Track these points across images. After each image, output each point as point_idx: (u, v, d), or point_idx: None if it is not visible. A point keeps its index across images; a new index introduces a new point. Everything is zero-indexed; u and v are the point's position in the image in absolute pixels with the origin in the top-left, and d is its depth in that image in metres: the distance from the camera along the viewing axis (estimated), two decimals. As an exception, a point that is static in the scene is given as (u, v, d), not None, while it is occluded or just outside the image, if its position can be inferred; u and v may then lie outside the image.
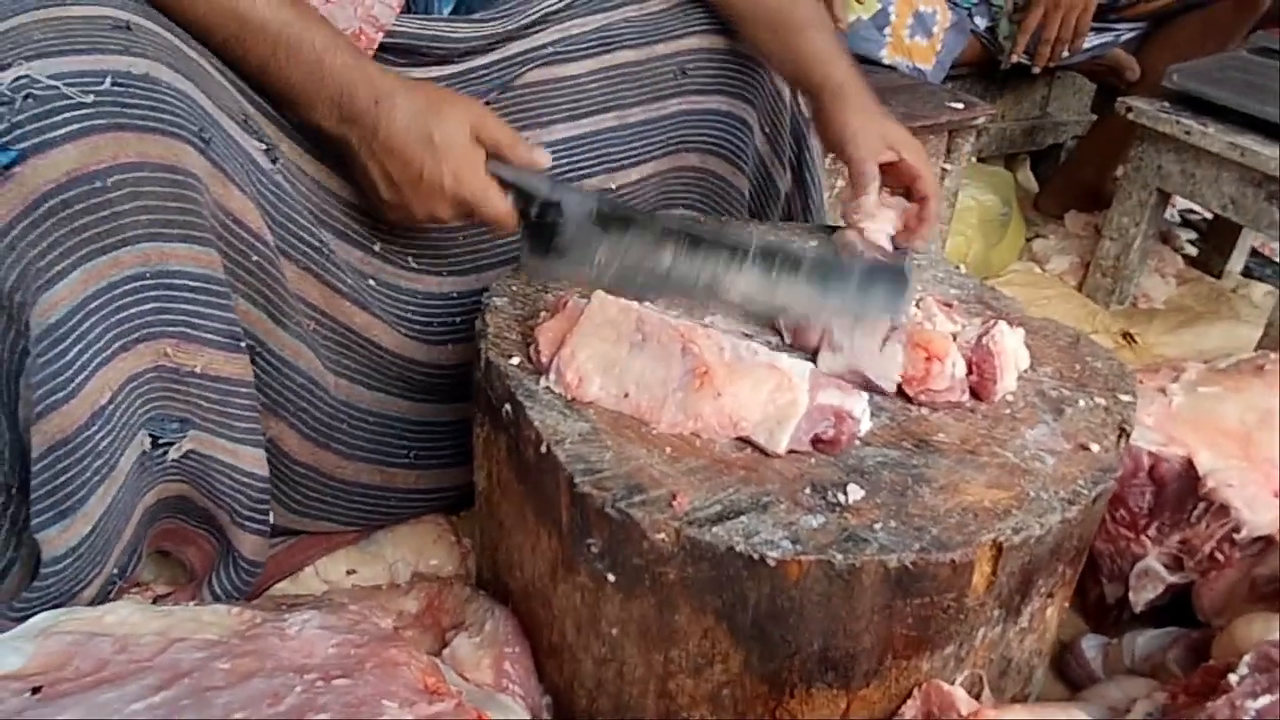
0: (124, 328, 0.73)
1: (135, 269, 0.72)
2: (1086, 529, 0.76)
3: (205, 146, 0.73)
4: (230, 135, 0.77)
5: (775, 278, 0.80)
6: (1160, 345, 1.61)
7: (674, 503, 0.66)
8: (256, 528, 0.86)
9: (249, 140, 0.80)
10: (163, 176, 0.71)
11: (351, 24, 0.90)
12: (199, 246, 0.74)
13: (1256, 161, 1.41)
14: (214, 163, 0.74)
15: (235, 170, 0.76)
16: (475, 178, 0.82)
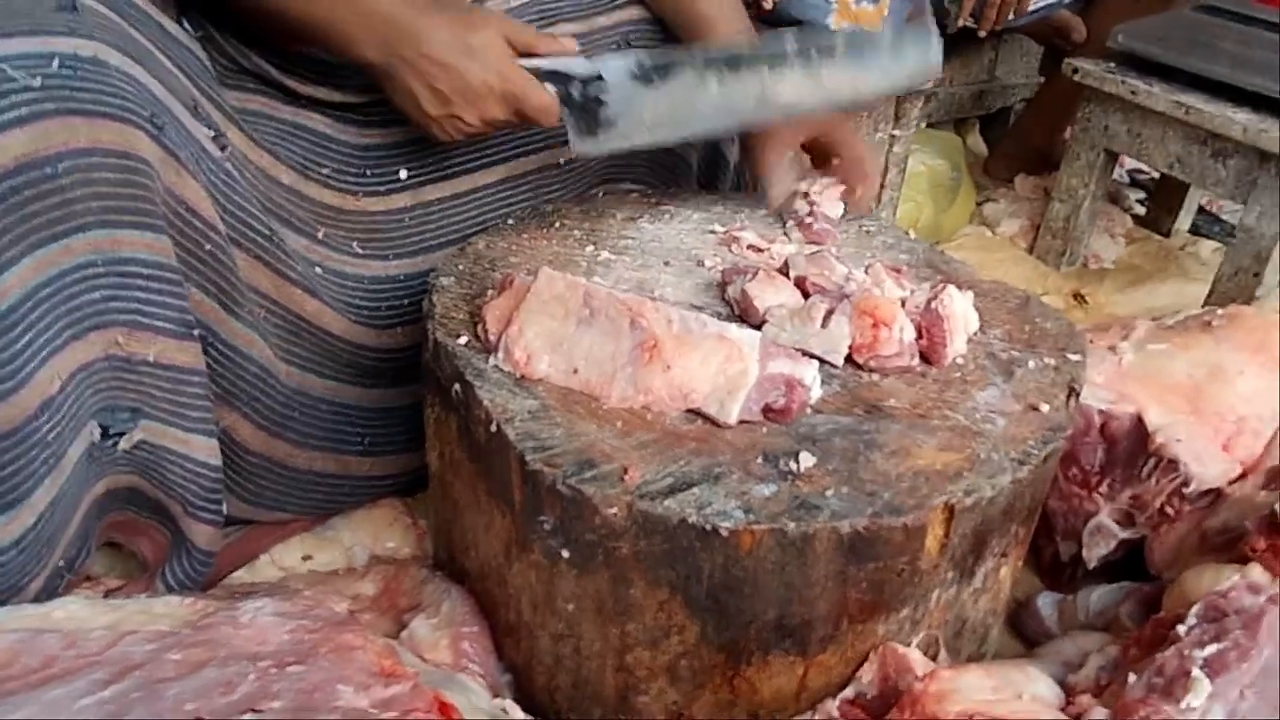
0: (75, 316, 0.72)
1: (87, 256, 0.70)
2: (1038, 488, 0.76)
3: (158, 132, 0.72)
4: (181, 121, 0.76)
5: (817, 69, 0.86)
6: (1111, 305, 1.63)
7: (625, 477, 0.65)
8: (210, 518, 0.85)
9: (199, 127, 0.78)
10: (115, 163, 0.69)
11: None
12: (151, 234, 0.73)
13: (1201, 120, 1.43)
14: (166, 149, 0.73)
15: (187, 157, 0.75)
16: (518, 73, 0.86)
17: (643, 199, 1.04)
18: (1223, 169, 1.44)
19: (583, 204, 1.02)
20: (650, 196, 1.05)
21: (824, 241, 0.95)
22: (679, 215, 1.01)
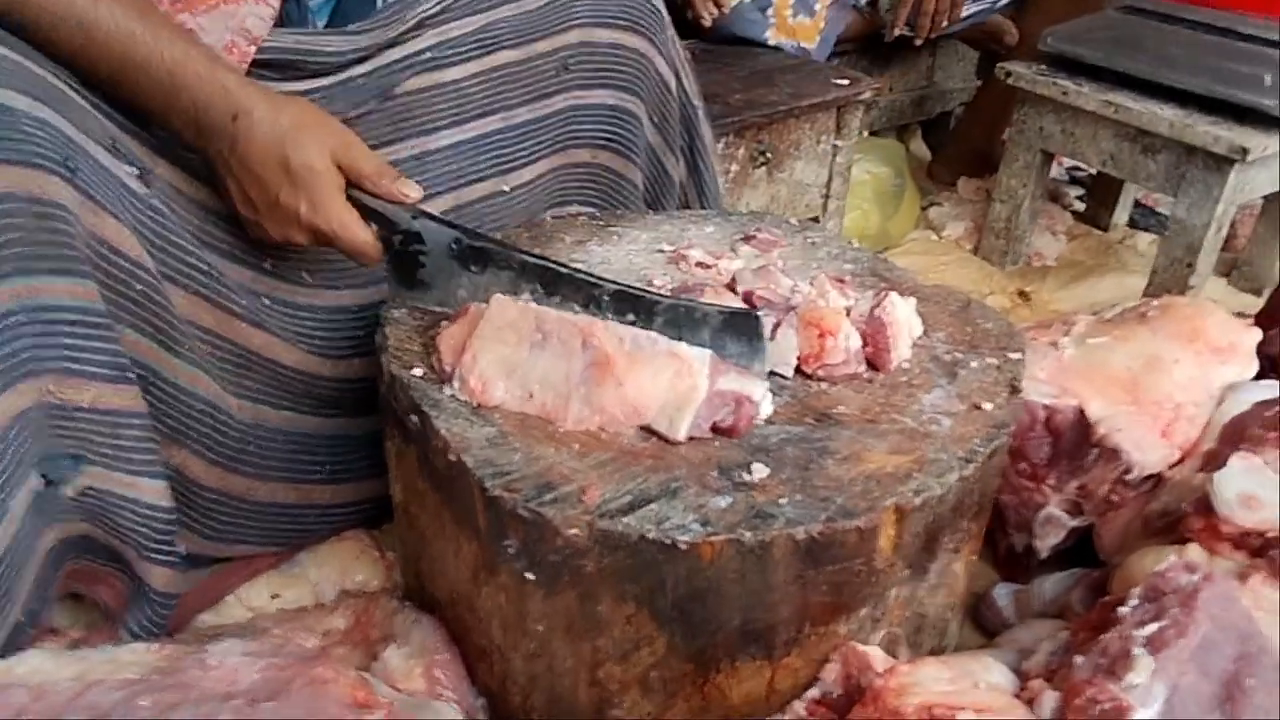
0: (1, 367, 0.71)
1: (6, 306, 0.69)
2: (986, 484, 0.79)
3: (71, 175, 0.71)
4: (98, 161, 0.75)
5: (630, 323, 0.79)
6: (1055, 301, 1.67)
7: (584, 497, 0.67)
8: (164, 560, 0.85)
9: (119, 165, 0.77)
10: (27, 209, 0.68)
11: (223, 37, 0.88)
12: (74, 279, 0.72)
13: (1130, 117, 1.48)
14: (83, 191, 0.72)
15: (107, 198, 0.74)
16: (332, 207, 0.80)
17: (590, 222, 1.06)
18: (1153, 164, 1.49)
19: (531, 229, 1.04)
20: (598, 219, 1.07)
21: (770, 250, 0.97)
22: (627, 236, 1.03)
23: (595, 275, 0.82)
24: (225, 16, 0.87)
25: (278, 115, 0.78)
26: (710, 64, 1.56)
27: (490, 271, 0.83)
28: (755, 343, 0.77)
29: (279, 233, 0.82)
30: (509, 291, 0.81)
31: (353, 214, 0.81)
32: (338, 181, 0.80)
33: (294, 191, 0.79)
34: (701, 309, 0.78)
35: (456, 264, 0.83)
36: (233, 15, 0.88)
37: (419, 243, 0.83)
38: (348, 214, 0.80)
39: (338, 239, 0.81)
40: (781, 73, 1.55)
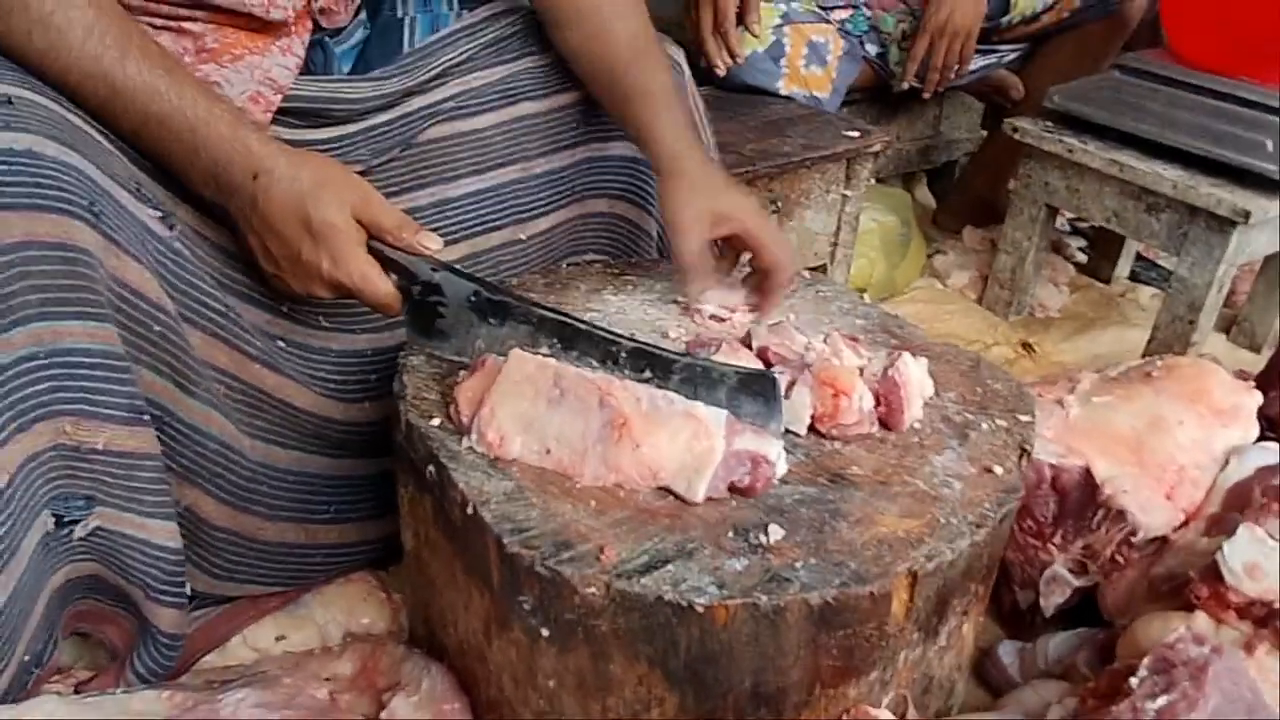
0: (18, 409, 0.71)
1: (27, 349, 0.70)
2: (995, 547, 0.80)
3: (96, 220, 0.72)
4: (122, 205, 0.76)
5: (647, 380, 0.79)
6: (1058, 353, 1.68)
7: (602, 556, 0.67)
8: (173, 601, 0.85)
9: (142, 209, 0.78)
10: (52, 255, 0.70)
11: (249, 87, 0.90)
12: (94, 323, 0.73)
13: (1134, 176, 1.50)
14: (106, 235, 0.73)
15: (129, 240, 0.75)
16: (353, 262, 0.80)
17: (606, 270, 1.07)
18: (1156, 222, 1.51)
19: (547, 277, 1.05)
20: (613, 268, 1.08)
21: None
22: (642, 285, 1.04)
23: (613, 332, 0.83)
24: (250, 68, 0.89)
25: (298, 172, 0.79)
26: (724, 112, 1.58)
27: (509, 324, 0.84)
28: (771, 404, 0.78)
29: (301, 287, 0.83)
30: (527, 345, 0.82)
31: (374, 267, 0.81)
32: (359, 237, 0.81)
33: (315, 248, 0.80)
34: (718, 369, 0.79)
35: (475, 316, 0.84)
36: (258, 66, 0.90)
37: (438, 294, 0.84)
38: (369, 268, 0.81)
39: (360, 293, 0.82)
40: (793, 123, 1.57)
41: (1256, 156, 1.40)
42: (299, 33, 0.93)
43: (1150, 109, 1.51)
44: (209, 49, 0.87)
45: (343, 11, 0.97)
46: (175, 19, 0.86)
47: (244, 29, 0.89)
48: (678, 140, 0.96)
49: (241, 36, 0.89)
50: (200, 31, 0.87)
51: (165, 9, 0.85)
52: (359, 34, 1.03)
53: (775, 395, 0.78)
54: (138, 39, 0.76)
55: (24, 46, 0.73)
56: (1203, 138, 1.45)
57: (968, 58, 1.76)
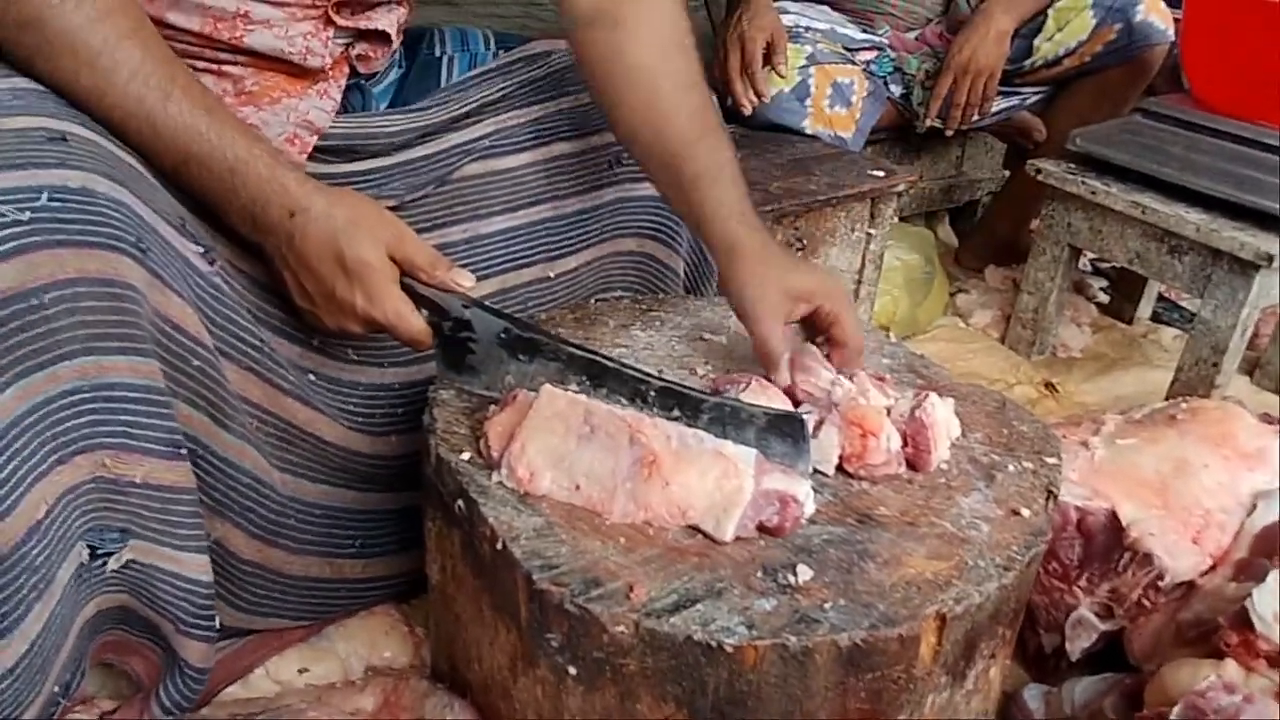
0: (60, 441, 0.72)
1: (72, 383, 0.71)
2: (1022, 591, 0.79)
3: (143, 256, 0.73)
4: (167, 241, 0.77)
5: (675, 419, 0.80)
6: (1080, 393, 1.68)
7: (631, 595, 0.68)
8: (202, 634, 0.85)
9: (186, 244, 0.80)
10: (100, 291, 0.71)
11: (286, 129, 0.91)
12: (138, 358, 0.74)
13: (1157, 219, 1.50)
14: (152, 271, 0.74)
15: (173, 276, 0.77)
16: (388, 300, 0.81)
17: (634, 306, 1.08)
18: (1179, 265, 1.51)
19: (575, 312, 1.06)
20: (641, 303, 1.09)
21: None
22: (670, 322, 1.04)
23: (642, 370, 0.83)
24: (288, 110, 0.91)
25: (333, 210, 0.80)
26: (749, 150, 1.59)
27: (538, 361, 0.84)
28: (799, 444, 0.78)
29: (335, 323, 0.84)
30: (556, 382, 0.83)
31: (408, 305, 0.82)
32: (392, 274, 0.82)
33: (350, 286, 0.81)
34: (747, 409, 0.79)
35: (505, 352, 0.85)
36: (295, 109, 0.91)
37: (469, 330, 0.85)
38: (404, 305, 0.82)
39: (394, 330, 0.83)
40: (819, 162, 1.59)
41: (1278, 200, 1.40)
42: (336, 77, 0.95)
43: (1172, 152, 1.52)
44: (248, 91, 0.89)
45: (380, 58, 0.99)
46: (217, 62, 0.88)
47: (283, 73, 0.91)
48: (735, 215, 0.91)
49: (280, 80, 0.91)
50: (240, 75, 0.89)
51: (208, 53, 0.87)
52: (393, 74, 1.05)
53: (803, 436, 0.79)
54: (182, 80, 0.78)
55: (72, 85, 0.75)
56: (1225, 181, 1.46)
57: (990, 97, 1.77)
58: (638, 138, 0.96)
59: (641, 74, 0.94)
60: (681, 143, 0.93)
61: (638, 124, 0.95)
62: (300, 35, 0.88)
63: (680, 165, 0.93)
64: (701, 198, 0.92)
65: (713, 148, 0.93)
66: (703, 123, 0.94)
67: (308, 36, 0.88)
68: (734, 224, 0.91)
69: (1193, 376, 1.51)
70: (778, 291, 0.88)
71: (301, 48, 0.88)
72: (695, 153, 0.92)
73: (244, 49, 0.87)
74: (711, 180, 0.92)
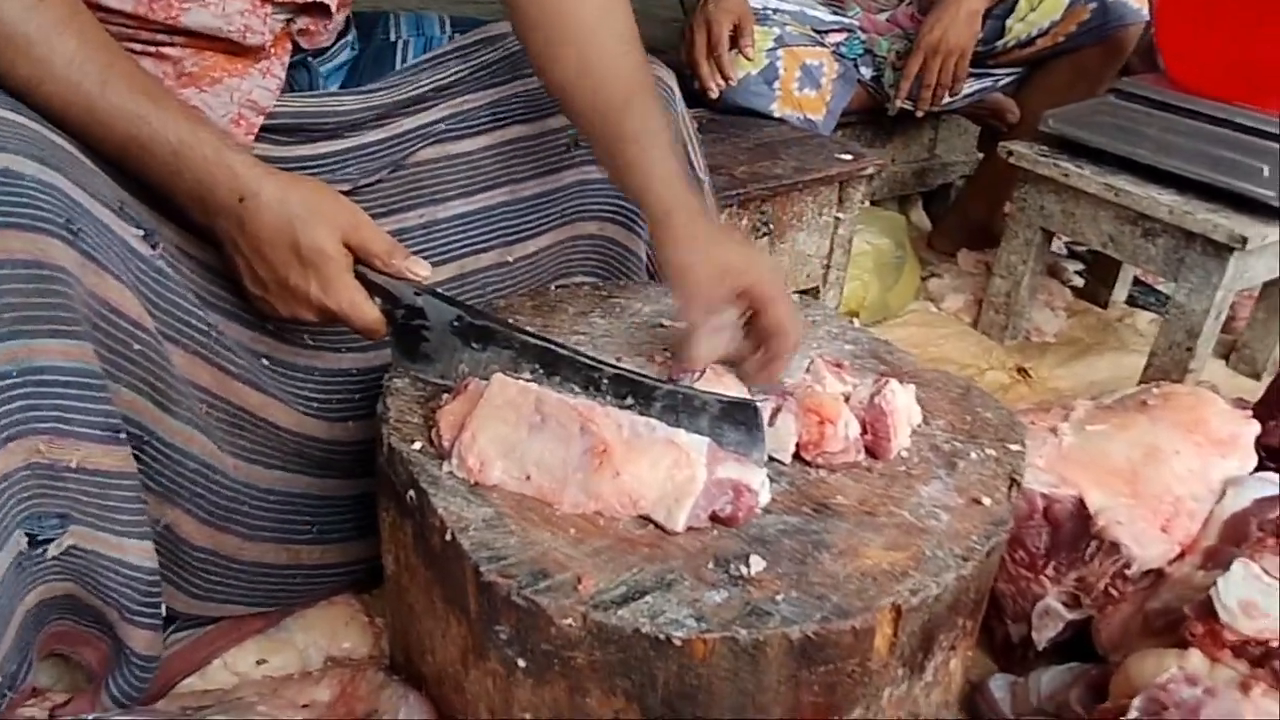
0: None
1: (2, 367, 0.70)
2: (983, 581, 0.78)
3: (74, 238, 0.71)
4: (104, 223, 0.75)
5: (628, 407, 0.78)
6: (1053, 378, 1.67)
7: (580, 586, 0.66)
8: (147, 622, 0.84)
9: (125, 227, 0.78)
10: (26, 273, 0.69)
11: (230, 110, 0.89)
12: (70, 340, 0.72)
13: (1130, 201, 1.49)
14: (84, 253, 0.72)
15: (109, 259, 0.75)
16: (342, 288, 0.80)
17: (594, 292, 1.06)
18: (1153, 248, 1.50)
19: (535, 299, 1.04)
20: (601, 290, 1.07)
21: None
22: (629, 309, 1.03)
23: (595, 358, 0.82)
24: (230, 90, 0.89)
25: (286, 195, 0.78)
26: (716, 134, 1.57)
27: (491, 349, 0.83)
28: (754, 432, 0.77)
29: (288, 310, 0.82)
30: (509, 369, 0.81)
31: (362, 293, 0.81)
32: (347, 263, 0.80)
33: (304, 273, 0.79)
34: (700, 397, 0.78)
35: (458, 340, 0.84)
36: (238, 89, 0.89)
37: (422, 318, 0.83)
38: (358, 294, 0.81)
39: (348, 319, 0.81)
40: (786, 145, 1.57)
41: (1253, 182, 1.39)
42: (279, 54, 0.92)
43: (1146, 134, 1.51)
44: (188, 73, 0.86)
45: (323, 32, 0.96)
46: (154, 44, 0.86)
47: (222, 52, 0.88)
48: (673, 187, 0.89)
49: (220, 60, 0.88)
50: (179, 56, 0.87)
51: (144, 35, 0.85)
52: (345, 54, 1.03)
53: (757, 423, 0.77)
54: (121, 65, 0.77)
55: (10, 75, 0.74)
56: (1199, 163, 1.45)
57: (961, 76, 1.75)
58: (575, 93, 0.93)
59: (582, 29, 0.91)
60: (622, 99, 0.90)
61: (574, 78, 0.92)
62: (237, 12, 0.86)
63: (619, 121, 0.90)
64: (637, 158, 0.90)
65: (650, 109, 0.91)
66: (641, 81, 0.92)
67: (245, 13, 0.86)
68: (669, 189, 0.88)
69: (1167, 361, 1.51)
70: (706, 263, 0.85)
71: (240, 25, 0.86)
72: (633, 111, 0.90)
73: (180, 29, 0.84)
74: (650, 140, 0.89)
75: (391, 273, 0.82)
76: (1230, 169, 1.42)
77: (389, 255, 0.81)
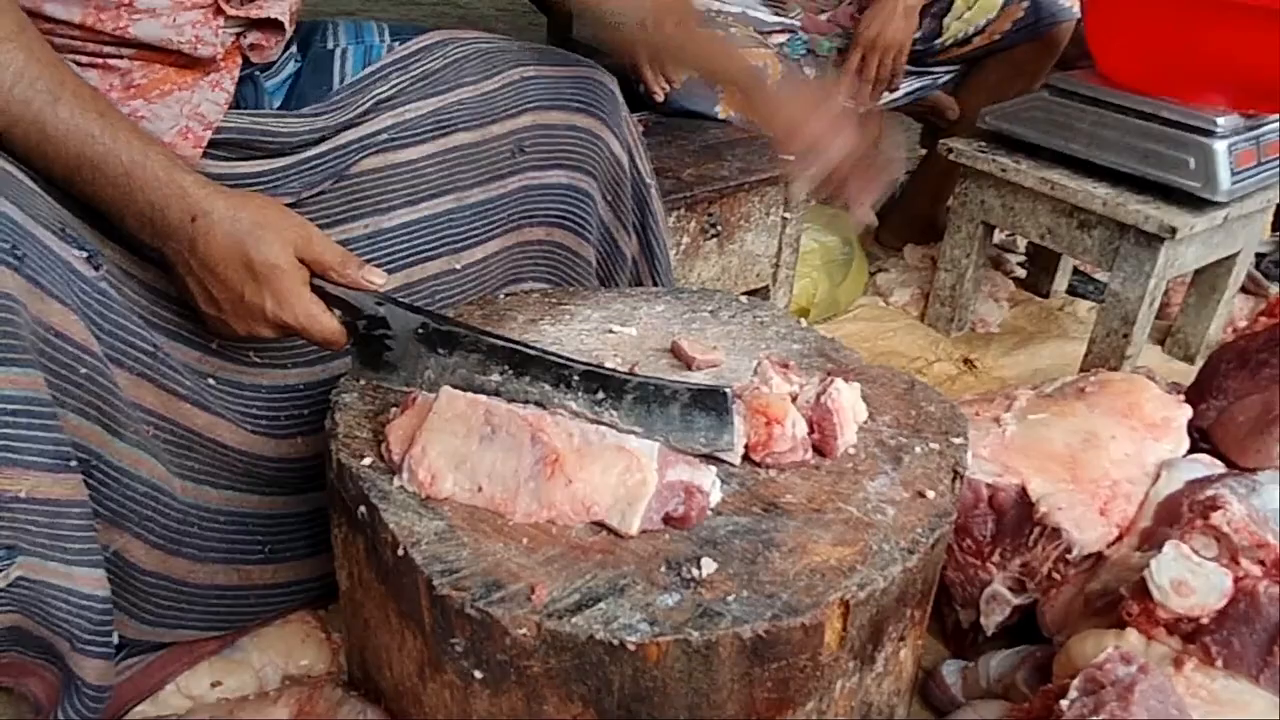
0: None
1: None
2: (929, 572, 0.80)
3: (19, 263, 0.70)
4: (46, 246, 0.74)
5: (599, 404, 0.80)
6: (999, 368, 1.71)
7: (533, 596, 0.67)
8: (99, 651, 0.82)
9: (67, 249, 0.76)
10: None
11: (178, 123, 0.88)
12: (17, 369, 0.71)
13: (1066, 194, 1.53)
14: (29, 279, 0.71)
15: (53, 283, 0.73)
16: (298, 302, 0.80)
17: (543, 299, 1.07)
18: (1089, 239, 1.54)
19: (484, 307, 1.04)
20: (550, 296, 1.08)
21: None
22: (579, 315, 1.03)
23: (564, 356, 0.82)
24: (179, 103, 0.88)
25: (237, 213, 0.78)
26: (662, 137, 1.58)
27: (458, 354, 0.83)
28: (724, 417, 0.79)
29: (244, 328, 0.82)
30: (477, 373, 0.82)
31: (319, 305, 0.81)
32: (302, 276, 0.81)
33: (258, 289, 0.79)
34: (670, 386, 0.79)
35: (424, 347, 0.84)
36: (187, 101, 0.88)
37: (384, 327, 0.84)
38: (314, 306, 0.81)
39: (306, 331, 0.81)
40: (731, 147, 1.58)
41: (1181, 174, 1.44)
42: (228, 68, 0.92)
43: (1079, 128, 1.55)
44: (136, 84, 0.85)
45: (272, 46, 0.96)
46: (101, 55, 0.85)
47: (171, 65, 0.88)
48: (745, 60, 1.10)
49: (170, 72, 0.87)
50: (127, 68, 0.86)
51: (91, 46, 0.84)
52: (290, 67, 1.02)
53: (727, 408, 0.79)
54: (71, 83, 0.76)
55: None
56: (1129, 156, 1.49)
57: (899, 72, 1.78)
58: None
59: None
60: None
61: None
62: (189, 24, 0.85)
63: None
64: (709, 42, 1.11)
65: None
66: None
67: (197, 25, 0.85)
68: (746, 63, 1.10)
69: (1105, 348, 1.55)
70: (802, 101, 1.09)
71: (191, 37, 0.85)
72: None
73: (129, 40, 0.83)
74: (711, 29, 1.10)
75: (348, 283, 0.82)
76: (1158, 162, 1.46)
77: (343, 266, 0.82)
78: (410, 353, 0.84)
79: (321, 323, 0.82)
